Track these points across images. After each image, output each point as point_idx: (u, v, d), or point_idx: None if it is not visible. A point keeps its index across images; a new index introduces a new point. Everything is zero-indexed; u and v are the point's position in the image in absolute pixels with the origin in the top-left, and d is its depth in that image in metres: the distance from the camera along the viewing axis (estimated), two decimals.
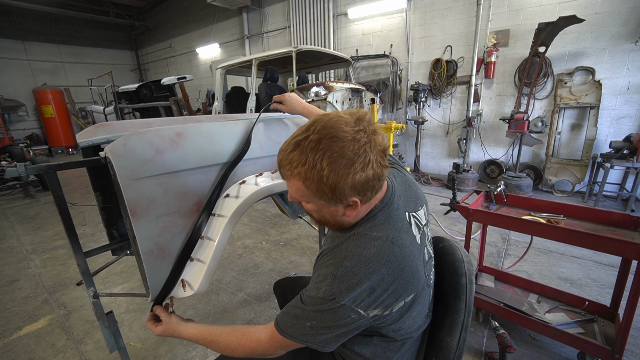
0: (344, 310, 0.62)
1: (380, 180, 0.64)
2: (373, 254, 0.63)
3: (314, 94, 3.62)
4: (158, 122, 1.07)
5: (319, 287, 0.65)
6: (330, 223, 0.71)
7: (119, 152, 0.79)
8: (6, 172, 0.83)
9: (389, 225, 0.68)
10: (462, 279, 0.76)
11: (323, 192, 0.61)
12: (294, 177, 0.63)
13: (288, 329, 0.68)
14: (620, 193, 3.73)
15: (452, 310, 0.76)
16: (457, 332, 0.75)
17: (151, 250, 0.86)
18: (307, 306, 0.66)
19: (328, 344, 0.66)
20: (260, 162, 1.10)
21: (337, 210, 0.65)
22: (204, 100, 8.81)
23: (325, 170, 0.58)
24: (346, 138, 0.58)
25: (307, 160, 0.60)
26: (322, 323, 0.64)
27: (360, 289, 0.61)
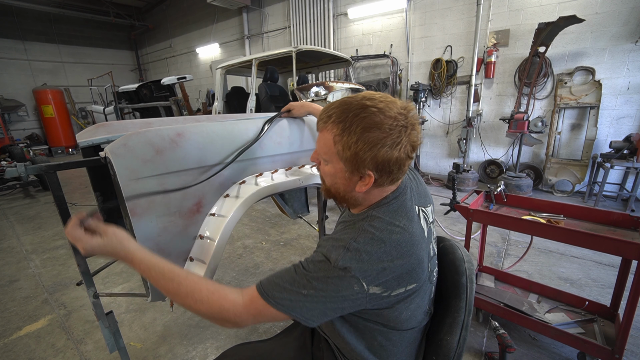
0: (350, 281, 0.61)
1: (400, 170, 0.66)
2: (385, 236, 0.64)
3: (314, 94, 3.62)
4: (158, 122, 1.07)
5: (329, 255, 0.63)
6: (339, 194, 0.72)
7: (119, 152, 0.79)
8: (6, 172, 0.83)
9: (401, 212, 0.69)
10: (462, 278, 0.77)
11: (347, 154, 0.64)
12: (328, 130, 0.66)
13: (275, 294, 0.63)
14: (620, 193, 3.73)
15: (453, 309, 0.76)
16: (457, 331, 0.75)
17: (151, 250, 0.86)
18: (310, 272, 0.63)
19: (315, 317, 0.63)
20: (260, 162, 1.10)
21: (351, 180, 0.68)
22: (204, 100, 8.82)
23: (358, 133, 0.62)
24: (389, 115, 0.62)
25: (347, 118, 0.63)
26: (322, 292, 0.61)
27: (371, 264, 0.62)
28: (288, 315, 0.63)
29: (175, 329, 1.82)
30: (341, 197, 0.73)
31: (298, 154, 1.22)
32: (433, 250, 0.75)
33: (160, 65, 11.24)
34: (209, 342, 1.71)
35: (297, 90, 3.69)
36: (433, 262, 0.75)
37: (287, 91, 4.79)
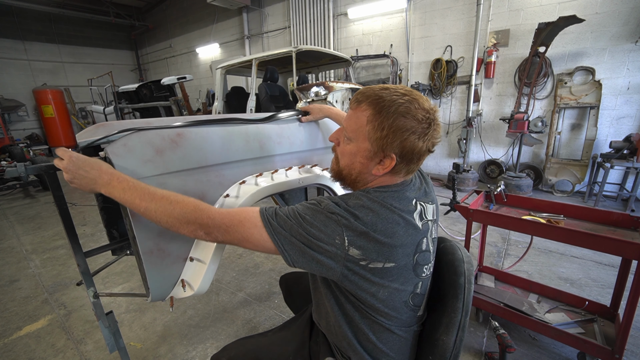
0: (335, 228, 0.64)
1: (418, 161, 0.71)
2: (375, 207, 0.67)
3: (314, 94, 3.62)
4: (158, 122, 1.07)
5: (319, 202, 0.69)
6: (351, 175, 0.75)
7: (119, 152, 0.79)
8: (6, 172, 0.83)
9: (397, 197, 0.71)
10: (460, 279, 0.77)
11: (377, 134, 0.67)
12: (362, 109, 0.70)
13: (268, 215, 0.67)
14: (620, 193, 3.73)
15: (450, 309, 0.77)
16: (454, 332, 0.75)
17: (151, 250, 0.86)
18: (300, 212, 0.67)
19: (296, 256, 0.66)
20: (260, 162, 1.10)
21: (371, 161, 0.71)
22: (204, 100, 8.82)
23: (393, 117, 0.66)
24: (422, 107, 0.67)
25: (384, 101, 0.67)
26: (306, 227, 0.65)
27: (356, 221, 0.64)
28: (270, 237, 0.66)
29: (175, 329, 1.82)
30: (352, 179, 0.76)
31: (298, 153, 1.22)
32: (427, 245, 0.75)
33: (160, 65, 11.24)
34: (209, 342, 1.71)
35: (297, 90, 3.69)
36: (425, 256, 0.74)
37: (287, 91, 4.79)
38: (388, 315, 0.73)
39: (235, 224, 0.67)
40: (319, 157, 1.30)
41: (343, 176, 0.78)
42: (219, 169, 0.98)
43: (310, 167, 1.26)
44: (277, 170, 1.14)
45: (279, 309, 1.96)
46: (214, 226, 0.67)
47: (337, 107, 3.68)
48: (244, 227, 0.67)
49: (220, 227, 0.67)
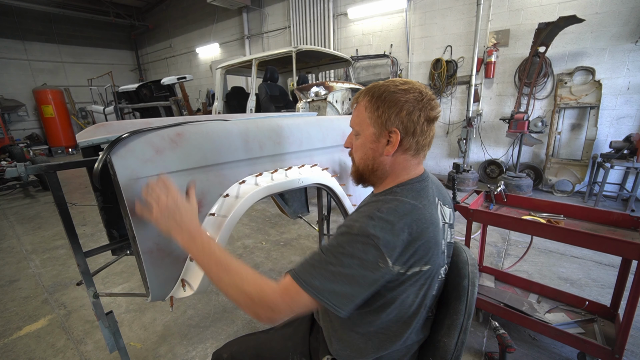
0: (375, 253, 0.61)
1: (422, 134, 0.72)
2: (408, 210, 0.66)
3: (314, 94, 3.62)
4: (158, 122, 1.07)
5: (351, 226, 0.64)
6: (368, 166, 0.76)
7: (119, 152, 0.79)
8: (6, 172, 0.83)
9: (424, 194, 0.72)
10: (464, 281, 0.76)
11: (375, 114, 0.71)
12: (360, 103, 0.75)
13: (306, 277, 0.63)
14: (620, 193, 3.73)
15: (452, 311, 0.76)
16: (455, 334, 0.75)
17: (151, 250, 0.86)
18: (334, 248, 0.64)
19: (345, 300, 0.62)
20: (260, 162, 1.10)
21: (379, 143, 0.73)
22: (204, 100, 8.82)
23: (384, 96, 0.71)
24: (413, 86, 0.71)
25: (375, 89, 0.73)
26: (348, 265, 0.61)
27: (394, 235, 0.62)
28: (318, 300, 0.62)
29: (175, 329, 1.82)
30: (370, 170, 0.77)
31: (298, 154, 1.22)
32: (444, 247, 0.75)
33: (160, 65, 11.24)
34: (209, 342, 1.71)
35: (297, 90, 3.69)
36: (444, 258, 0.75)
37: (287, 91, 4.79)
38: (408, 320, 0.72)
39: (291, 303, 0.64)
40: (318, 157, 1.30)
41: (361, 172, 0.79)
42: (218, 169, 0.98)
43: (310, 167, 1.26)
44: (276, 170, 1.14)
45: None
46: (277, 310, 0.64)
47: (337, 107, 3.68)
48: (299, 304, 0.64)
49: (283, 310, 0.64)
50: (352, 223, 0.66)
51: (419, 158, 0.75)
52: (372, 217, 0.64)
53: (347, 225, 0.66)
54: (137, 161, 0.81)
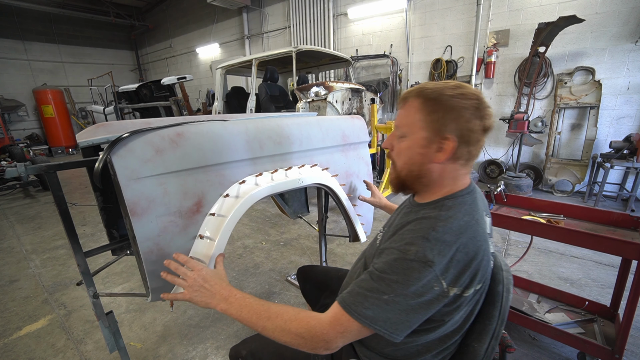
0: (431, 278, 0.58)
1: (476, 144, 0.68)
2: (463, 226, 0.63)
3: (314, 94, 3.62)
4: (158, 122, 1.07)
5: (406, 250, 0.61)
6: (413, 172, 0.72)
7: (119, 152, 0.79)
8: (6, 172, 0.83)
9: (475, 208, 0.69)
10: (499, 286, 0.73)
11: (430, 117, 0.66)
12: (409, 103, 0.70)
13: (357, 306, 0.60)
14: (620, 193, 3.74)
15: (485, 316, 0.73)
16: (486, 339, 0.72)
17: (151, 250, 0.86)
18: (387, 275, 0.61)
19: (399, 328, 0.60)
20: (260, 162, 1.10)
21: (429, 149, 0.68)
22: (204, 100, 8.82)
23: (443, 99, 0.65)
24: (468, 90, 0.67)
25: (433, 87, 0.68)
26: (403, 294, 0.58)
27: (450, 256, 0.60)
28: (372, 329, 0.60)
29: (175, 329, 1.82)
30: (414, 177, 0.72)
31: (298, 154, 1.22)
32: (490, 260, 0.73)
33: (160, 65, 11.24)
34: (209, 342, 1.71)
35: (297, 90, 3.69)
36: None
37: (287, 91, 4.79)
38: (451, 335, 0.70)
39: (344, 332, 0.62)
40: (318, 157, 1.30)
41: (403, 178, 0.74)
42: (218, 169, 0.98)
43: (310, 167, 1.26)
44: (277, 170, 1.14)
45: None
46: (331, 341, 0.62)
47: (337, 107, 3.68)
48: (351, 332, 0.62)
49: (336, 340, 0.63)
50: (406, 247, 0.62)
51: (468, 168, 0.72)
52: (428, 239, 0.61)
53: (400, 249, 0.62)
54: (137, 161, 0.81)
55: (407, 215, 0.75)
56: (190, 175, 0.92)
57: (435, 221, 0.64)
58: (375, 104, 3.82)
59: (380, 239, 0.79)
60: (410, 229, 0.66)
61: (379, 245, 0.75)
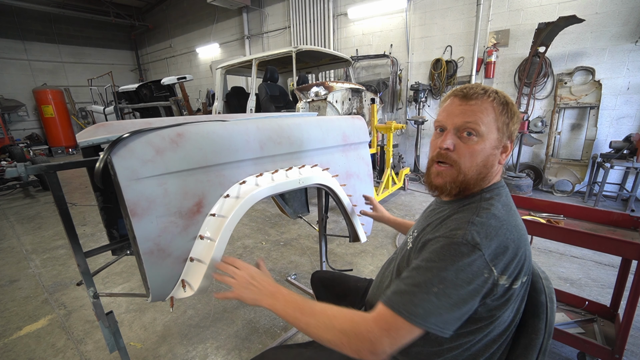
0: (481, 263, 0.56)
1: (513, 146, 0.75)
2: (505, 215, 0.64)
3: (314, 94, 3.62)
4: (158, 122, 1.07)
5: (453, 235, 0.59)
6: (480, 175, 0.70)
7: (119, 152, 0.79)
8: (6, 172, 0.83)
9: (510, 199, 0.72)
10: (541, 296, 0.70)
11: (506, 118, 0.69)
12: (488, 98, 0.70)
13: (407, 306, 0.57)
14: (620, 193, 3.74)
15: (530, 329, 0.69)
16: (533, 355, 0.68)
17: (151, 250, 0.86)
18: (434, 263, 0.58)
19: (451, 321, 0.57)
20: (260, 162, 1.10)
21: (496, 149, 0.70)
22: (204, 100, 8.82)
23: (510, 101, 0.71)
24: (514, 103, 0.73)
25: (496, 90, 0.71)
26: (453, 283, 0.56)
27: (498, 242, 0.58)
28: (422, 327, 0.57)
29: (175, 329, 1.82)
30: (481, 177, 0.70)
31: (298, 154, 1.22)
32: None
33: (160, 65, 11.24)
34: (209, 342, 1.71)
35: (297, 90, 3.69)
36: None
37: (287, 91, 4.79)
38: (497, 339, 0.67)
39: (390, 330, 0.58)
40: (319, 157, 1.30)
41: (469, 180, 0.70)
42: (219, 169, 0.98)
43: (311, 167, 1.26)
44: (277, 170, 1.14)
45: None
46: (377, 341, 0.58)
47: (337, 107, 3.68)
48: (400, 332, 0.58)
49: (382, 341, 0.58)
50: (451, 232, 0.60)
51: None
52: (473, 223, 0.60)
53: (446, 235, 0.61)
54: (138, 161, 0.81)
55: (442, 211, 0.75)
56: (191, 175, 0.92)
57: (478, 208, 0.65)
58: (375, 104, 3.82)
59: (412, 240, 0.76)
60: (454, 218, 0.66)
61: (412, 246, 0.74)
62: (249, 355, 1.61)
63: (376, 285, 0.92)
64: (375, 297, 0.88)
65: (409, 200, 4.09)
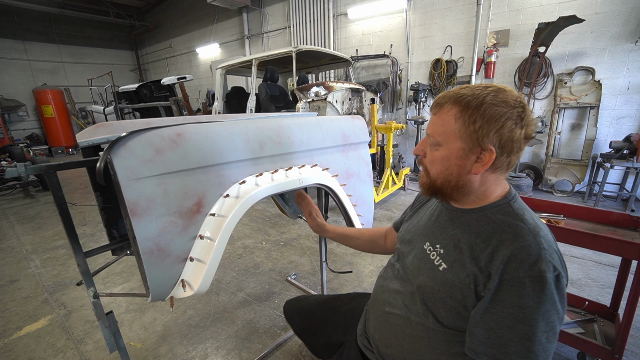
0: (564, 281, 0.57)
1: (517, 152, 0.65)
2: (544, 228, 0.63)
3: (314, 94, 3.62)
4: (158, 122, 1.07)
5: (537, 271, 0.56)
6: (449, 182, 0.68)
7: (119, 152, 0.79)
8: (6, 172, 0.83)
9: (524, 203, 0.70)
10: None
11: (470, 128, 0.62)
12: (445, 110, 0.66)
13: None
14: (620, 193, 3.74)
15: None
16: None
17: (151, 250, 0.86)
18: (533, 309, 0.55)
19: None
20: (260, 162, 1.10)
21: (467, 160, 0.65)
22: (204, 100, 8.82)
23: (484, 107, 0.61)
24: (511, 94, 0.63)
25: (468, 97, 0.63)
26: (556, 319, 0.56)
27: (561, 259, 0.59)
28: None
29: (175, 329, 1.82)
30: (451, 187, 0.69)
31: (298, 154, 1.22)
32: None
33: (160, 65, 11.24)
34: (209, 342, 1.71)
35: (297, 90, 3.69)
36: None
37: (287, 91, 4.80)
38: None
39: None
40: (319, 157, 1.30)
41: (438, 187, 0.71)
42: (218, 169, 0.98)
43: (311, 167, 1.26)
44: (277, 170, 1.14)
45: (279, 309, 1.96)
46: None
47: (337, 107, 3.68)
48: None
49: None
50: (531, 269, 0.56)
51: (506, 174, 0.71)
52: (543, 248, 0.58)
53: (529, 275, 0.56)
54: (138, 161, 0.81)
55: (460, 225, 0.71)
56: (191, 175, 0.92)
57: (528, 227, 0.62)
58: (375, 104, 3.82)
59: (443, 258, 0.70)
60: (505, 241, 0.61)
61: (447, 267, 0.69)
62: (249, 355, 1.61)
63: (381, 301, 0.86)
64: (379, 318, 0.84)
65: (409, 200, 4.09)
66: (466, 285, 0.64)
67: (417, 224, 0.86)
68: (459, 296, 0.65)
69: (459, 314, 0.66)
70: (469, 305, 0.64)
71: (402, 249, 0.86)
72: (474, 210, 0.70)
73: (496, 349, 0.58)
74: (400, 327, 0.77)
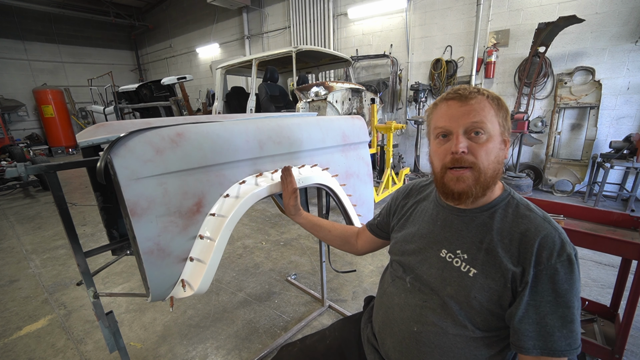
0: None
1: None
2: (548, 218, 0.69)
3: (314, 94, 3.62)
4: (158, 122, 1.07)
5: (563, 255, 0.61)
6: (497, 171, 0.69)
7: (119, 152, 0.79)
8: (6, 172, 0.83)
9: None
10: None
11: (500, 113, 0.69)
12: (481, 96, 0.69)
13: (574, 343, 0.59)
14: (620, 193, 3.74)
15: None
16: None
17: (151, 250, 0.86)
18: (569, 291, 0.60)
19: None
20: (260, 162, 1.10)
21: (502, 144, 0.70)
22: (204, 100, 8.82)
23: (501, 99, 0.71)
24: None
25: (481, 88, 0.72)
26: (578, 297, 0.61)
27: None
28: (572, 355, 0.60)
29: (175, 329, 1.82)
30: (497, 175, 0.70)
31: (298, 154, 1.22)
32: None
33: (160, 65, 11.24)
34: (209, 342, 1.71)
35: (297, 90, 3.69)
36: None
37: (287, 91, 4.80)
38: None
39: None
40: (319, 157, 1.30)
41: (488, 179, 0.68)
42: (218, 169, 0.98)
43: (311, 167, 1.26)
44: (277, 170, 1.14)
45: (279, 309, 1.96)
46: None
47: (337, 107, 3.68)
48: None
49: None
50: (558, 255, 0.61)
51: None
52: (558, 230, 0.65)
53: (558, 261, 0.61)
54: (138, 161, 0.81)
55: (477, 226, 0.71)
56: (191, 175, 0.92)
57: (539, 216, 0.68)
58: (375, 104, 3.82)
59: (470, 263, 0.70)
60: (533, 237, 0.64)
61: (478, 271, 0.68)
62: (249, 355, 1.61)
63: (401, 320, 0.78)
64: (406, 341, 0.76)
65: None
66: (502, 284, 0.64)
67: (418, 232, 0.82)
68: (495, 297, 0.65)
69: (493, 315, 0.66)
70: (504, 304, 0.65)
71: (409, 261, 0.80)
72: (484, 208, 0.72)
73: (543, 340, 0.60)
74: (436, 344, 0.71)
